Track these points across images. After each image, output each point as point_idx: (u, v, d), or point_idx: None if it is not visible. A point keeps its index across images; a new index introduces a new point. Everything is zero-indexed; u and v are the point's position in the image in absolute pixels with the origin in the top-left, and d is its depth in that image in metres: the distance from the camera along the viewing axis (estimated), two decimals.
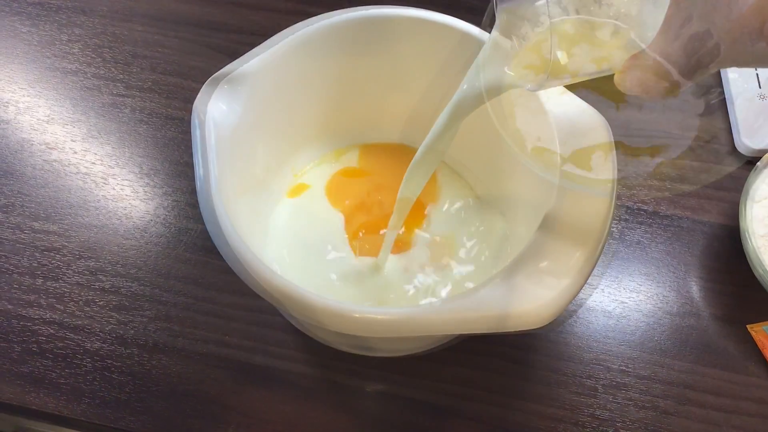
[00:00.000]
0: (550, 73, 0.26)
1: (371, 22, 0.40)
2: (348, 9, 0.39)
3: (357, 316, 0.30)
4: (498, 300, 0.30)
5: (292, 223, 0.44)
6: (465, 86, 0.31)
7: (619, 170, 0.33)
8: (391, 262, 0.43)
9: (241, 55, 0.37)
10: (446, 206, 0.45)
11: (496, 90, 0.30)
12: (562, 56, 0.26)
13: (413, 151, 0.47)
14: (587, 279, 0.31)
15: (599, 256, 0.31)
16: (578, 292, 0.31)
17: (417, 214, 0.45)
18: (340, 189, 0.46)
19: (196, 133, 0.34)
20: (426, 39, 0.40)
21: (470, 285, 0.42)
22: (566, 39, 0.26)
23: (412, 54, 0.41)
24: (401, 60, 0.42)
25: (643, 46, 0.23)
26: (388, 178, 0.46)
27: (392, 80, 0.43)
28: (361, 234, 0.44)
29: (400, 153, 0.47)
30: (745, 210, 0.42)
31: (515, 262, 0.31)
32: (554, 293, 0.30)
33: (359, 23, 0.40)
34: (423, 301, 0.42)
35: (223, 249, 0.32)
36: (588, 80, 0.29)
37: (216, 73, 0.36)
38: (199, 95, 0.35)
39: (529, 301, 0.29)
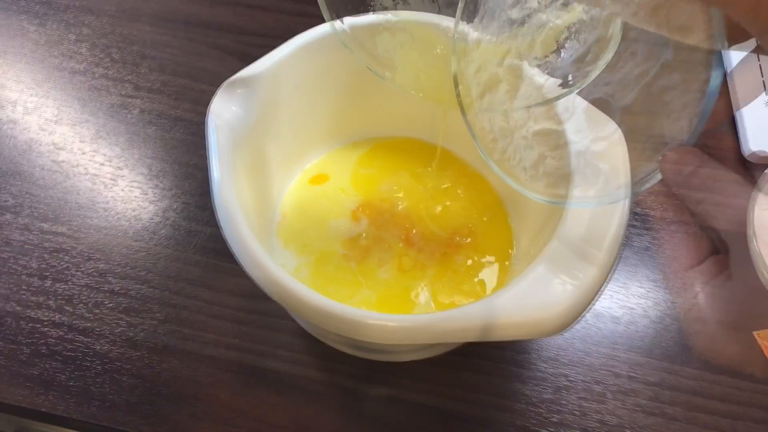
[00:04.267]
0: None
1: None
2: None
3: (371, 323, 0.31)
4: (515, 308, 0.30)
5: (295, 221, 0.44)
6: None
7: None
8: (391, 263, 0.43)
9: (249, 56, 0.37)
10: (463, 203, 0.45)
11: None
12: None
13: (425, 145, 0.47)
14: (602, 286, 0.31)
15: (615, 263, 0.31)
16: (594, 298, 0.31)
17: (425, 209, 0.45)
18: (346, 191, 0.46)
19: (211, 137, 0.34)
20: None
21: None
22: None
23: None
24: None
25: None
26: (395, 178, 0.46)
27: None
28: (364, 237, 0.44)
29: (410, 148, 0.47)
30: (753, 216, 0.43)
31: (531, 269, 0.31)
32: (571, 301, 0.30)
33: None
34: (423, 301, 0.42)
35: (240, 253, 0.32)
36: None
37: (231, 78, 0.36)
38: (214, 99, 0.35)
39: (545, 309, 0.30)
